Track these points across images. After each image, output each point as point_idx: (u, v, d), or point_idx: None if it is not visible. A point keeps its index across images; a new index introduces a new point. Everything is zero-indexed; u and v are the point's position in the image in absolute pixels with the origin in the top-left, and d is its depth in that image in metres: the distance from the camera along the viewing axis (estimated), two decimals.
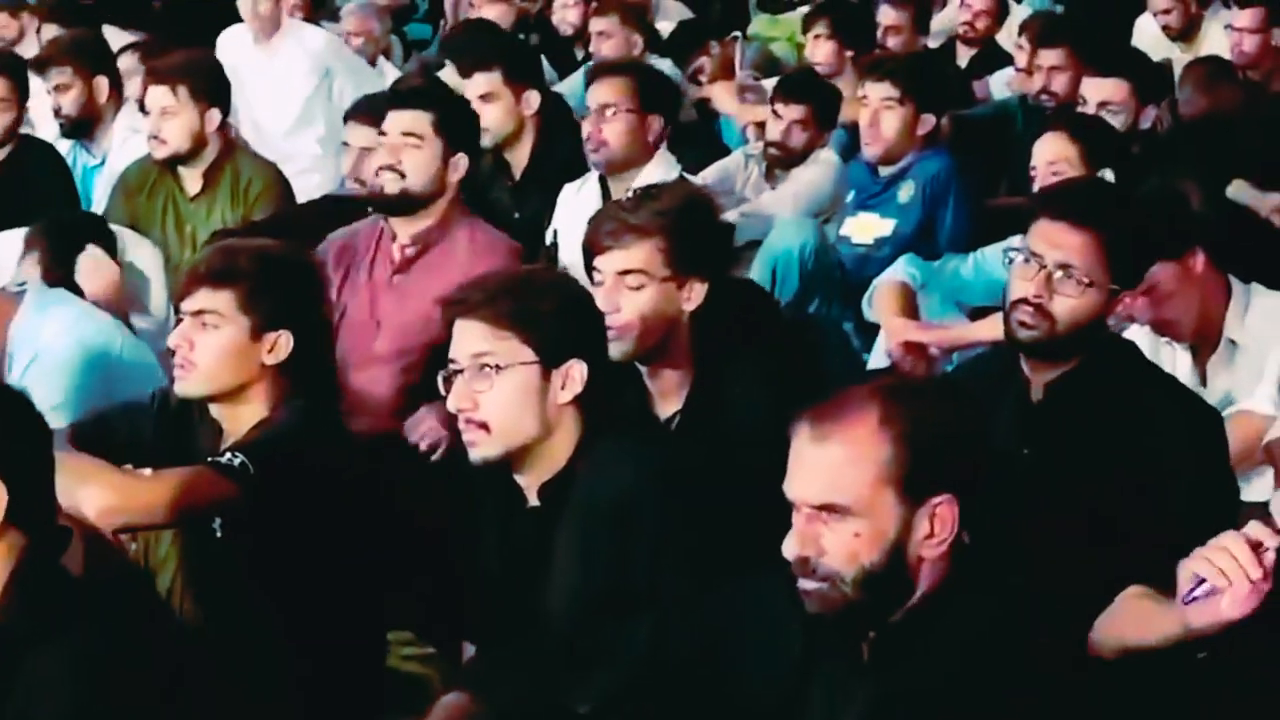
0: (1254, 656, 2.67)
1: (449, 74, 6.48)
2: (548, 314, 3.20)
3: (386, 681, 3.74)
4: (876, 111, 5.81)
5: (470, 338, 3.19)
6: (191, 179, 5.75)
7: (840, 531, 2.54)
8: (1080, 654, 2.75)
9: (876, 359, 4.87)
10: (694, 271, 3.73)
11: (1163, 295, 4.24)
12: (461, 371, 3.18)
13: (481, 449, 3.20)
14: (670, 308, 3.71)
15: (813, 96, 6.23)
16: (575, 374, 3.20)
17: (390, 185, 4.74)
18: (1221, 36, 7.74)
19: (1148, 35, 8.60)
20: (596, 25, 8.00)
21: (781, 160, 6.25)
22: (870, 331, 5.15)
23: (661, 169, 5.29)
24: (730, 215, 6.04)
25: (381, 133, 4.82)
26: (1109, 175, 4.95)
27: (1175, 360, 4.39)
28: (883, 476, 2.53)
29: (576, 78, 8.00)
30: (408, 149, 4.71)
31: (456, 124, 4.81)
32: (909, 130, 5.83)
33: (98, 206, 6.16)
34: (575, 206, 5.35)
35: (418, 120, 4.75)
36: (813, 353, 4.88)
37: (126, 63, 6.89)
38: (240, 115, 6.92)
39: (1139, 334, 4.45)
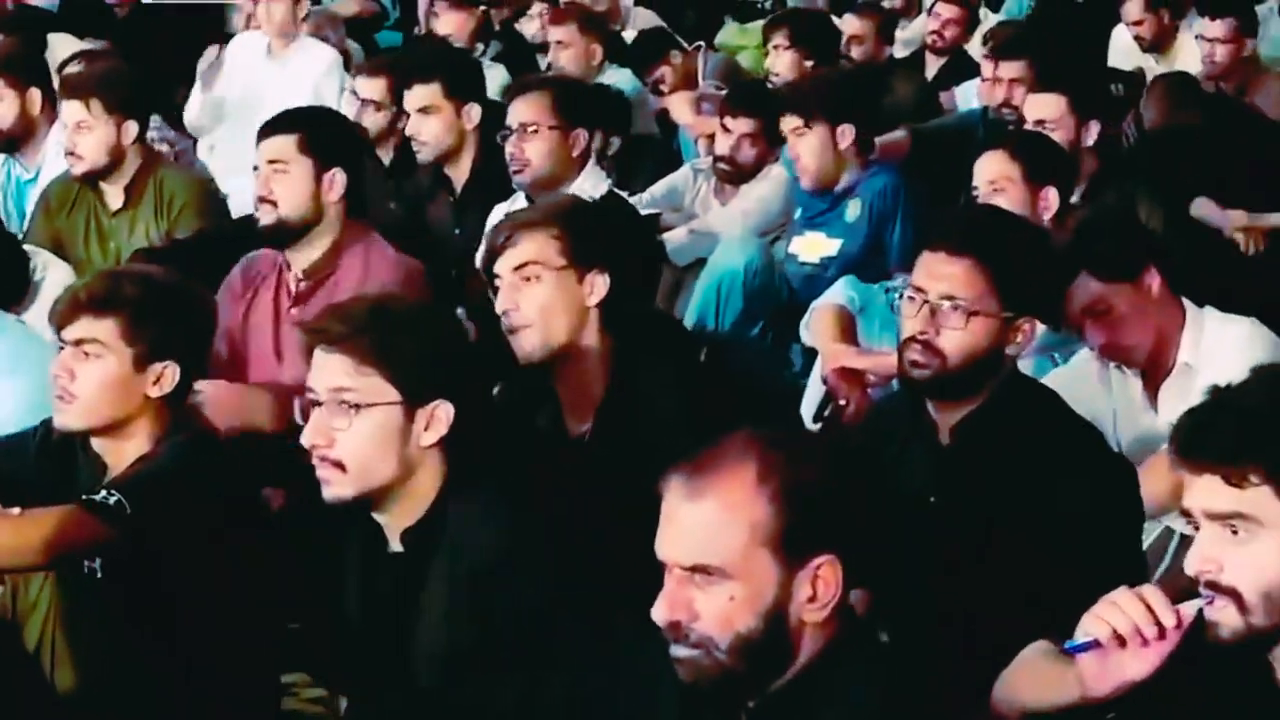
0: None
1: (374, 84, 6.31)
2: (414, 351, 3.02)
3: None
4: (792, 143, 5.66)
5: (330, 371, 3.02)
6: (113, 194, 5.58)
7: (714, 595, 2.36)
8: None
9: (813, 386, 4.69)
10: (593, 262, 3.60)
11: (1116, 319, 4.09)
12: (320, 404, 3.01)
13: (335, 489, 3.03)
14: (571, 300, 3.59)
15: (762, 109, 6.05)
16: (440, 415, 3.03)
17: (265, 217, 4.53)
18: (1196, 47, 7.58)
19: (1123, 45, 8.46)
20: (555, 34, 7.84)
21: (730, 176, 6.09)
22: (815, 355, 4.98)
23: (590, 184, 5.12)
24: (677, 233, 5.90)
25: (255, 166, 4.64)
26: (1053, 194, 4.78)
27: (1125, 385, 4.24)
28: (759, 536, 2.35)
29: None
30: (276, 177, 4.50)
31: (325, 140, 4.58)
32: (830, 150, 5.65)
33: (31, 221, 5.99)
34: None
35: (281, 145, 4.53)
36: (732, 379, 4.68)
37: None
38: (244, 122, 6.74)
39: (1085, 356, 4.29)
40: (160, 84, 8.37)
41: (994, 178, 4.80)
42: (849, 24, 7.84)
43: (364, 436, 2.99)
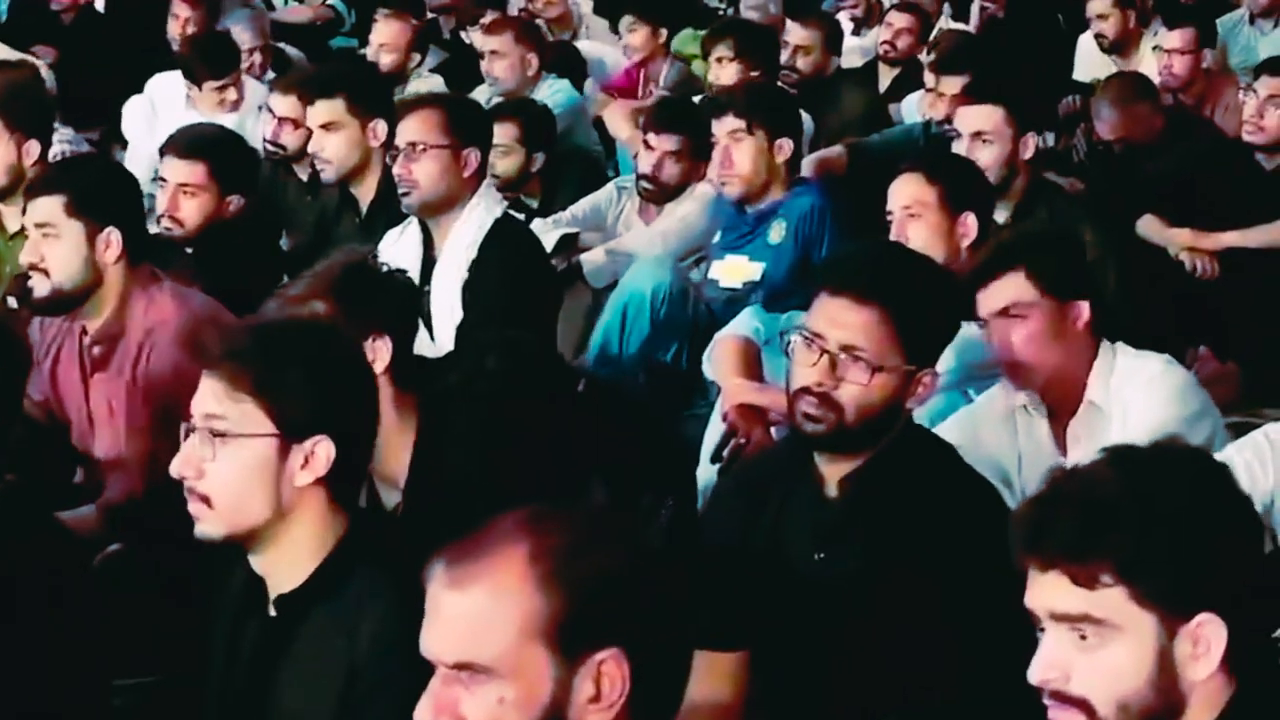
0: None
1: (287, 101, 6.04)
2: (297, 379, 2.74)
3: None
4: (727, 147, 5.35)
5: (206, 395, 2.75)
6: (11, 216, 5.29)
7: (482, 696, 2.08)
8: None
9: (714, 424, 4.41)
10: (371, 327, 3.37)
11: (1028, 332, 3.83)
12: (195, 431, 2.75)
13: (204, 525, 2.76)
14: None
15: (687, 126, 5.79)
16: (320, 452, 2.74)
17: (40, 288, 4.16)
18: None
19: (1088, 54, 8.22)
20: (489, 44, 7.55)
21: (654, 195, 5.83)
22: None
23: (483, 206, 4.84)
24: (594, 254, 5.64)
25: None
26: (971, 221, 4.51)
27: (1031, 427, 4.00)
28: (532, 629, 2.07)
29: (478, 95, 7.61)
30: (46, 242, 4.13)
31: (96, 198, 4.20)
32: (766, 160, 5.37)
33: None
34: (396, 254, 4.90)
35: (48, 209, 4.15)
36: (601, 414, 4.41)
37: None
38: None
39: (991, 396, 4.04)
40: (104, 93, 8.32)
41: (909, 202, 4.53)
42: (794, 34, 7.54)
43: (231, 470, 2.72)
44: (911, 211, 4.49)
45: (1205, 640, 2.17)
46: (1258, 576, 2.30)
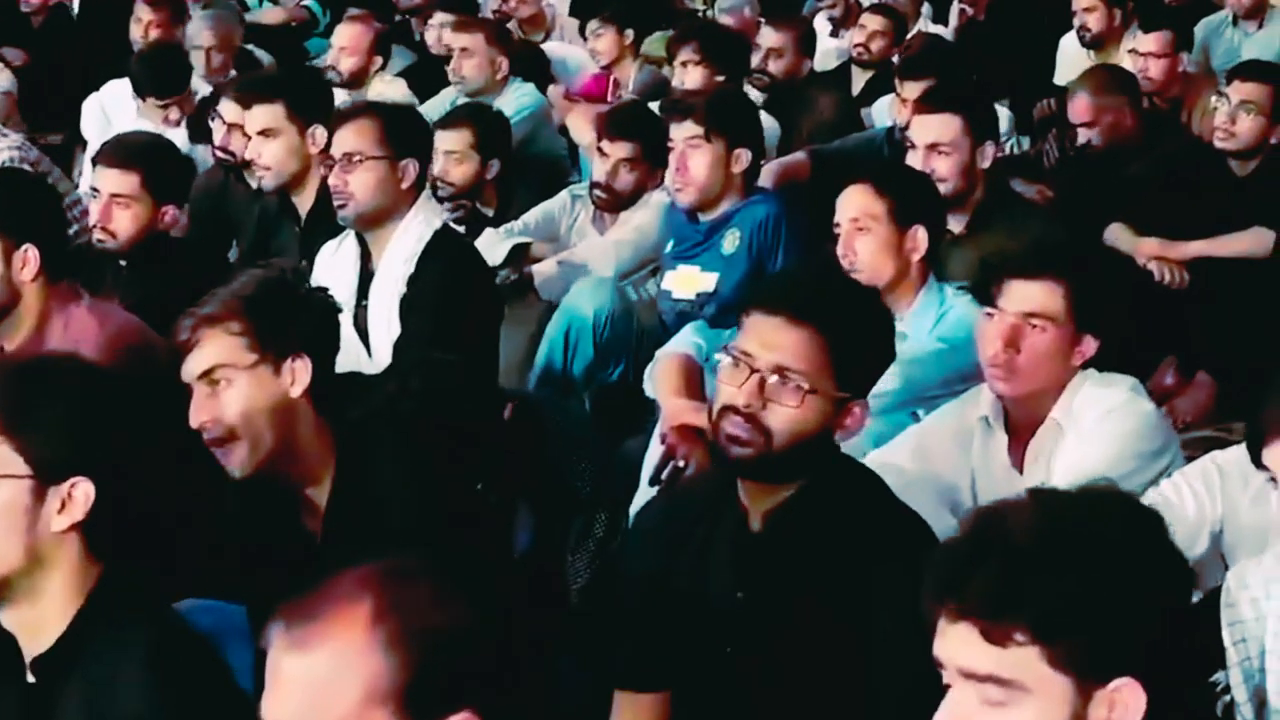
0: None
1: (235, 107, 5.89)
2: (54, 417, 2.58)
3: None
4: (683, 153, 5.19)
5: None
6: None
7: None
8: None
9: (654, 445, 4.26)
10: (289, 348, 3.22)
11: (1044, 344, 3.73)
12: None
13: None
14: (269, 397, 3.21)
15: (641, 133, 5.63)
16: (78, 495, 2.58)
17: None
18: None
19: (1070, 55, 8.06)
20: (459, 41, 7.40)
21: (608, 203, 5.68)
22: None
23: (422, 218, 4.68)
24: (546, 265, 5.50)
25: None
26: (921, 235, 4.35)
27: (988, 445, 3.89)
28: (376, 694, 1.94)
29: (443, 96, 7.48)
30: None
31: (12, 215, 4.11)
32: (723, 169, 5.22)
33: None
34: (332, 268, 4.75)
35: None
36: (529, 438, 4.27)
37: None
38: None
39: (946, 412, 3.91)
40: (71, 97, 8.18)
41: (857, 214, 4.37)
42: (766, 36, 7.38)
43: None
44: (860, 225, 4.34)
45: (1122, 705, 2.03)
46: (1183, 636, 2.15)
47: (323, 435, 3.29)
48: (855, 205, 4.37)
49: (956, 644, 2.05)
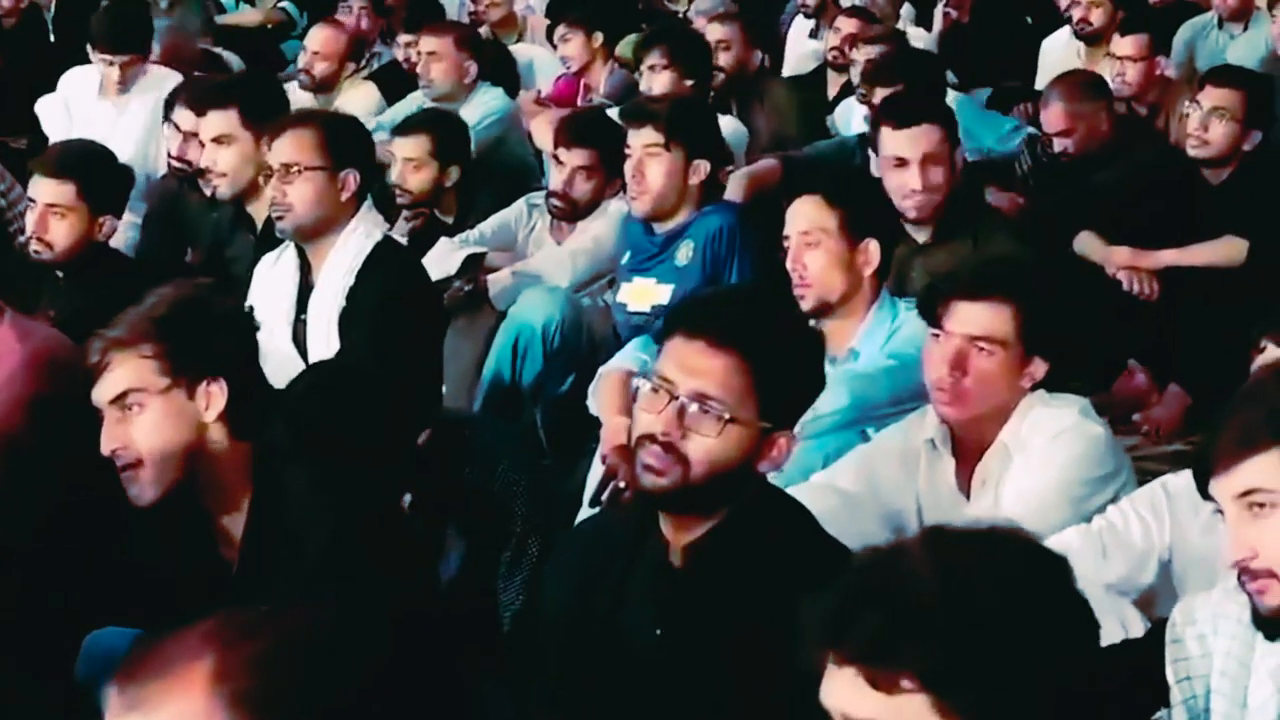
0: None
1: (191, 115, 5.76)
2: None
3: None
4: (640, 161, 5.06)
5: None
6: None
7: None
8: None
9: (595, 466, 4.13)
10: (203, 371, 3.11)
11: (991, 368, 3.60)
12: None
13: None
14: (183, 423, 3.09)
15: (599, 140, 5.50)
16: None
17: None
18: None
19: (1052, 59, 7.94)
20: (428, 45, 7.26)
21: (564, 212, 5.55)
22: None
23: (362, 230, 4.55)
24: (501, 275, 5.38)
25: None
26: (874, 248, 4.22)
27: (935, 469, 3.76)
28: None
29: (410, 100, 7.36)
30: None
31: None
32: (680, 179, 5.08)
33: None
34: (271, 281, 4.62)
35: None
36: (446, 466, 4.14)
37: None
38: None
39: (890, 434, 3.79)
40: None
41: (807, 227, 4.23)
42: (713, 30, 7.18)
43: None
44: (810, 238, 4.20)
45: None
46: (1087, 683, 2.02)
47: (240, 460, 3.17)
48: (805, 218, 4.23)
49: (843, 690, 1.94)
